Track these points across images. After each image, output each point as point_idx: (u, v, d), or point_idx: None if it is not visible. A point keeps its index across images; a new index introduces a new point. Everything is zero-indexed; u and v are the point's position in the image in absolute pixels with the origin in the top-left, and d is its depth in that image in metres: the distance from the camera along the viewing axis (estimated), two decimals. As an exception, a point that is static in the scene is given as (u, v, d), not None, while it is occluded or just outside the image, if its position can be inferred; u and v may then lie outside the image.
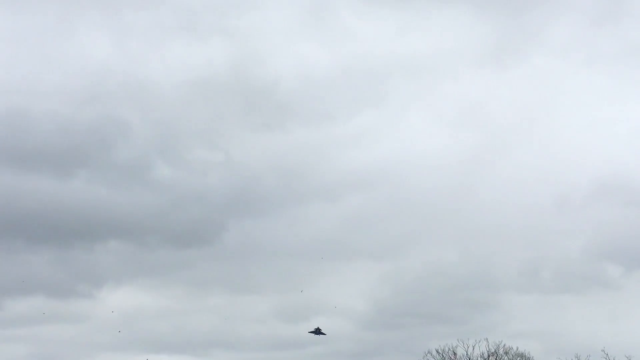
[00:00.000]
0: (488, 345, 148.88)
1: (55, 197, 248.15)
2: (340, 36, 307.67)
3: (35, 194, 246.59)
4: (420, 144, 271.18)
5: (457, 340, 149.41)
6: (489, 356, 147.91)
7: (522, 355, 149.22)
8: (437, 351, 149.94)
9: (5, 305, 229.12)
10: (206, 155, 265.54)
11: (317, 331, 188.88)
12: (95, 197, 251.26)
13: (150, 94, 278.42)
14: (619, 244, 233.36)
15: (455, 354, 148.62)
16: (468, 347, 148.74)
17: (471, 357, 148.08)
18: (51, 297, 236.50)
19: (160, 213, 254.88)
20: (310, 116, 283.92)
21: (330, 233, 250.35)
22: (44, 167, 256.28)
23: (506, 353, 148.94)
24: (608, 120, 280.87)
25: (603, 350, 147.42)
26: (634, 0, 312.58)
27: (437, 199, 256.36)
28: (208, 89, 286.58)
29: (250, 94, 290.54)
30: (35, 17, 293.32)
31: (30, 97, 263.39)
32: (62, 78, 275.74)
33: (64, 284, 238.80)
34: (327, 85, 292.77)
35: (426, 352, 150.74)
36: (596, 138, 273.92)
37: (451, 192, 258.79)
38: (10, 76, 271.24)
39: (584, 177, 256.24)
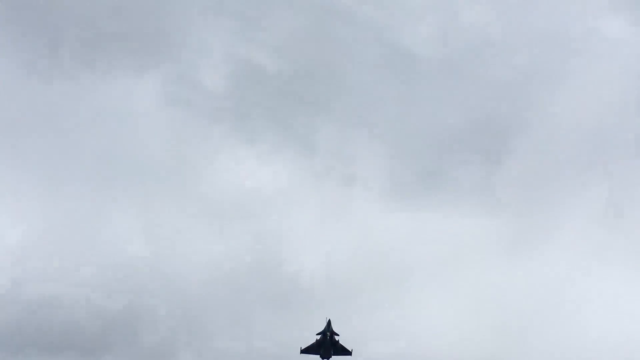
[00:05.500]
0: None
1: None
2: (360, 233, 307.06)
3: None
4: (440, 335, 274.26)
5: None
6: None
7: None
8: None
9: None
10: (230, 345, 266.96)
11: (326, 334, 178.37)
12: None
13: (177, 285, 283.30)
14: None
15: None
16: None
17: None
18: None
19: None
20: (332, 310, 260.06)
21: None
22: (71, 350, 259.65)
23: None
24: (620, 312, 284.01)
25: None
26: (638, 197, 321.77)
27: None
28: (232, 281, 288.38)
29: (274, 288, 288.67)
30: (69, 211, 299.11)
31: (63, 285, 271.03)
32: (94, 267, 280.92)
33: None
34: (348, 280, 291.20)
35: None
36: (609, 328, 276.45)
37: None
38: (45, 265, 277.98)
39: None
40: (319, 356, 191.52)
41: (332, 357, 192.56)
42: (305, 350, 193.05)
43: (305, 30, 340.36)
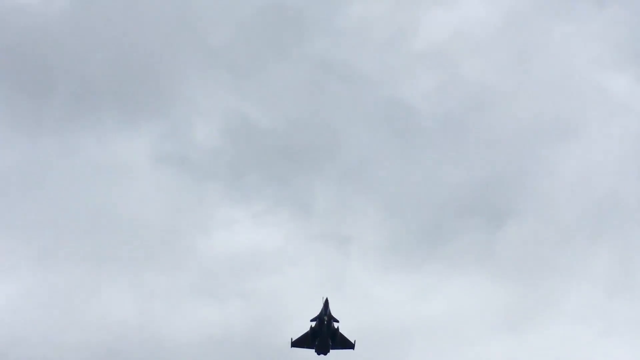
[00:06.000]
0: None
1: None
2: (358, 300, 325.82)
3: None
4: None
5: None
6: None
7: None
8: None
9: None
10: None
11: (323, 319, 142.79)
12: None
13: (169, 350, 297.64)
14: None
15: None
16: None
17: None
18: None
19: None
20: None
21: None
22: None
23: None
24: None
25: None
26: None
27: None
28: (226, 346, 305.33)
29: (268, 354, 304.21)
30: (57, 274, 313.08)
31: (51, 352, 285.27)
32: (83, 333, 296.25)
33: None
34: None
35: None
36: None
37: None
38: (32, 331, 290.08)
39: None
40: (314, 351, 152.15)
41: (331, 351, 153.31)
42: (296, 343, 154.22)
43: (301, 86, 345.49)
